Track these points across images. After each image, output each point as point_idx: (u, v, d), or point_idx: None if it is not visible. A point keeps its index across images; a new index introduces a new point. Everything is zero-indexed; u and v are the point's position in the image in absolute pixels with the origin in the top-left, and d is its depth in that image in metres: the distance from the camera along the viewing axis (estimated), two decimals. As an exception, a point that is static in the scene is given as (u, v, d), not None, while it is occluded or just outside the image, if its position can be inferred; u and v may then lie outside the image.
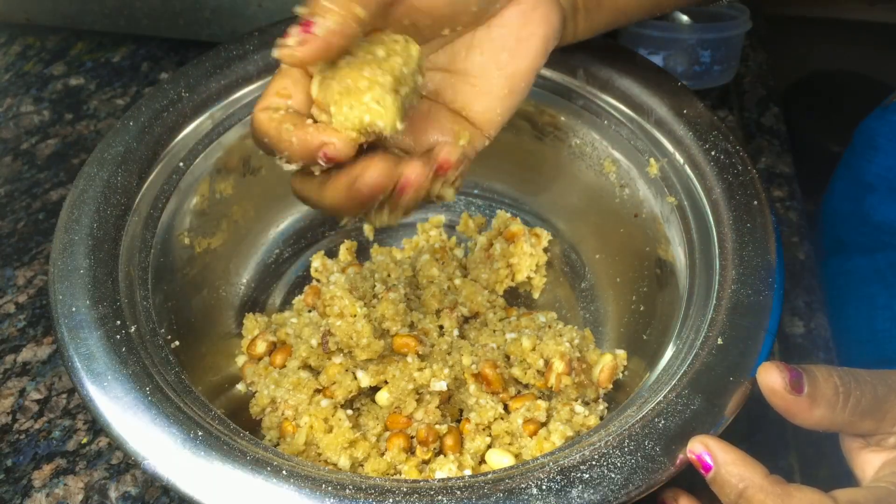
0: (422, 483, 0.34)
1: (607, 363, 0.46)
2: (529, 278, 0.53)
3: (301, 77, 0.34)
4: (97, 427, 0.48)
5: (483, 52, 0.38)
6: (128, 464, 0.46)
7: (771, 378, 0.34)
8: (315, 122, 0.33)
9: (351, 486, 0.33)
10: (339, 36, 0.31)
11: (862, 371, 0.35)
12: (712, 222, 0.43)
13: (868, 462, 0.35)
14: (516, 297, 0.53)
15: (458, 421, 0.46)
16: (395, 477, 0.42)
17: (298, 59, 0.31)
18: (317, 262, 0.53)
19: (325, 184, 0.34)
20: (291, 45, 0.31)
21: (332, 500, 0.33)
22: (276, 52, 0.31)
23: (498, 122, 0.39)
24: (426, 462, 0.43)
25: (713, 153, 0.45)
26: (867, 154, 0.67)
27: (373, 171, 0.32)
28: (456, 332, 0.48)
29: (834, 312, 0.59)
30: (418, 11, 0.35)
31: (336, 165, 0.33)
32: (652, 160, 0.47)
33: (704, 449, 0.34)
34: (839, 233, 0.69)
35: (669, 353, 0.41)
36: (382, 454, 0.43)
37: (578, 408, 0.44)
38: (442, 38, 0.38)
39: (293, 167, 0.33)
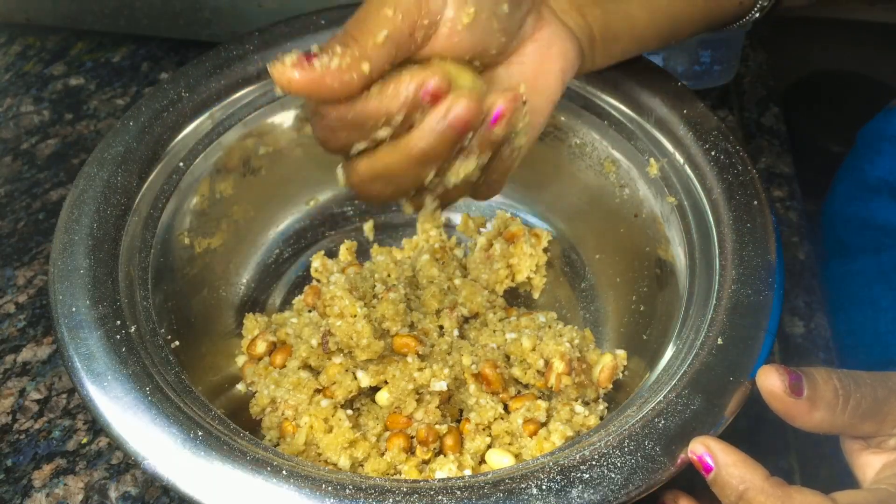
0: (422, 483, 0.34)
1: (607, 363, 0.46)
2: (529, 278, 0.53)
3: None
4: (97, 427, 0.48)
5: (502, 87, 0.37)
6: (128, 464, 0.46)
7: (770, 381, 0.34)
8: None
9: (351, 486, 0.33)
10: (335, 79, 0.31)
11: (862, 373, 0.35)
12: (712, 222, 0.43)
13: (868, 464, 0.35)
14: (516, 297, 0.53)
15: (458, 421, 0.46)
16: (395, 477, 0.42)
17: (286, 81, 0.31)
18: (317, 262, 0.53)
19: (398, 142, 0.33)
20: (286, 65, 0.31)
21: (332, 500, 0.33)
22: (269, 66, 0.31)
23: (519, 158, 0.38)
24: (426, 462, 0.43)
25: (713, 153, 0.45)
26: (870, 157, 0.67)
27: (461, 103, 0.32)
28: (456, 333, 0.48)
29: (837, 315, 0.58)
30: (437, 57, 0.35)
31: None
32: (652, 160, 0.47)
33: (706, 450, 0.34)
34: (841, 235, 0.68)
35: (669, 353, 0.41)
36: (382, 454, 0.43)
37: (578, 408, 0.44)
38: None
39: (387, 132, 0.33)
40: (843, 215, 0.69)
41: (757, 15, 0.47)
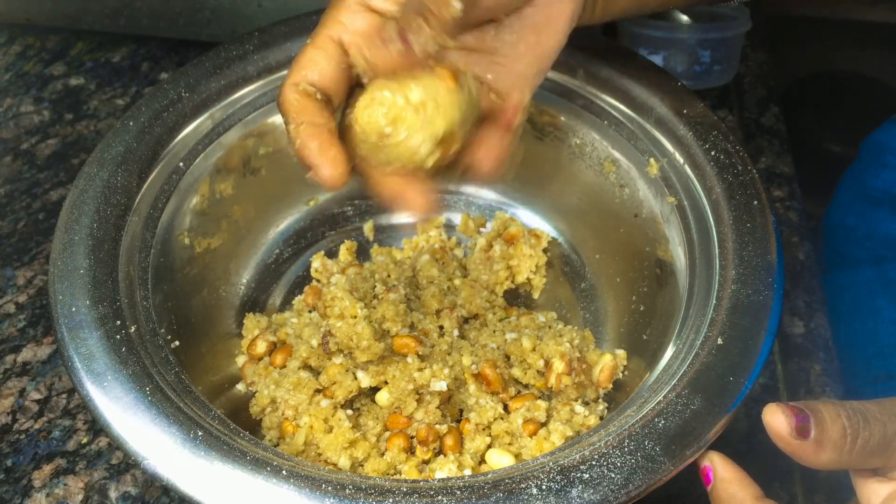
0: (422, 483, 0.34)
1: (607, 363, 0.46)
2: (529, 279, 0.53)
3: (335, 52, 0.35)
4: (97, 427, 0.48)
5: (513, 31, 0.38)
6: (128, 464, 0.46)
7: (776, 421, 0.33)
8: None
9: (351, 486, 0.33)
10: (425, 54, 0.33)
11: (872, 406, 0.34)
12: (712, 222, 0.43)
13: (873, 491, 0.35)
14: (516, 297, 0.53)
15: (458, 421, 0.46)
16: (395, 477, 0.42)
17: (389, 62, 0.33)
18: (317, 262, 0.53)
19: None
20: (390, 52, 0.33)
21: (332, 500, 0.33)
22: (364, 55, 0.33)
23: (528, 100, 0.39)
24: (426, 462, 0.43)
25: (713, 153, 0.45)
26: (874, 169, 0.67)
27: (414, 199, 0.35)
28: (456, 333, 0.48)
29: (837, 326, 0.58)
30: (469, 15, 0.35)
31: None
32: (652, 160, 0.47)
33: (709, 463, 0.34)
34: (842, 246, 0.68)
35: (669, 353, 0.41)
36: (382, 454, 0.43)
37: (578, 408, 0.44)
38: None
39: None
40: (844, 226, 0.68)
41: None
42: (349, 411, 0.44)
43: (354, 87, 0.36)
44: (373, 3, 0.35)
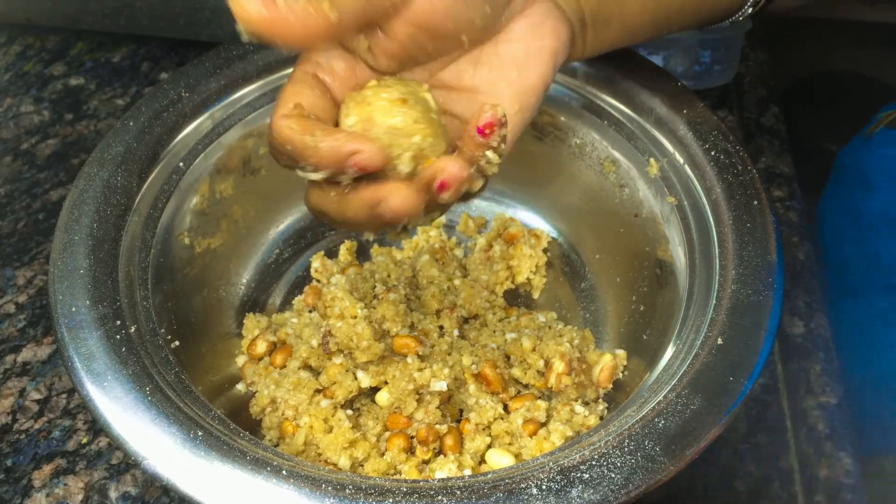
0: (422, 483, 0.34)
1: (607, 363, 0.46)
2: (529, 279, 0.53)
3: (315, 83, 0.33)
4: (97, 427, 0.48)
5: (491, 68, 0.36)
6: (128, 464, 0.46)
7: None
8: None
9: (351, 486, 0.33)
10: (298, 20, 0.30)
11: None
12: (712, 222, 0.43)
13: None
14: (516, 297, 0.53)
15: (458, 421, 0.46)
16: (395, 477, 0.42)
17: (245, 16, 0.30)
18: (317, 262, 0.53)
19: (345, 199, 0.32)
20: None
21: (332, 500, 0.33)
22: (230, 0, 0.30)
23: (510, 141, 0.37)
24: (426, 462, 0.43)
25: (713, 153, 0.45)
26: (860, 192, 0.65)
27: (398, 197, 0.30)
28: (456, 333, 0.48)
29: (848, 357, 0.56)
30: (417, 27, 0.34)
31: (357, 179, 0.31)
32: (652, 160, 0.47)
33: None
34: (845, 276, 0.65)
35: (669, 353, 0.41)
36: (382, 454, 0.43)
37: (578, 408, 0.44)
38: (447, 56, 0.36)
39: (318, 176, 0.31)
40: (845, 257, 0.65)
41: (749, 10, 0.46)
42: (349, 411, 0.45)
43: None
44: (345, 42, 0.34)
